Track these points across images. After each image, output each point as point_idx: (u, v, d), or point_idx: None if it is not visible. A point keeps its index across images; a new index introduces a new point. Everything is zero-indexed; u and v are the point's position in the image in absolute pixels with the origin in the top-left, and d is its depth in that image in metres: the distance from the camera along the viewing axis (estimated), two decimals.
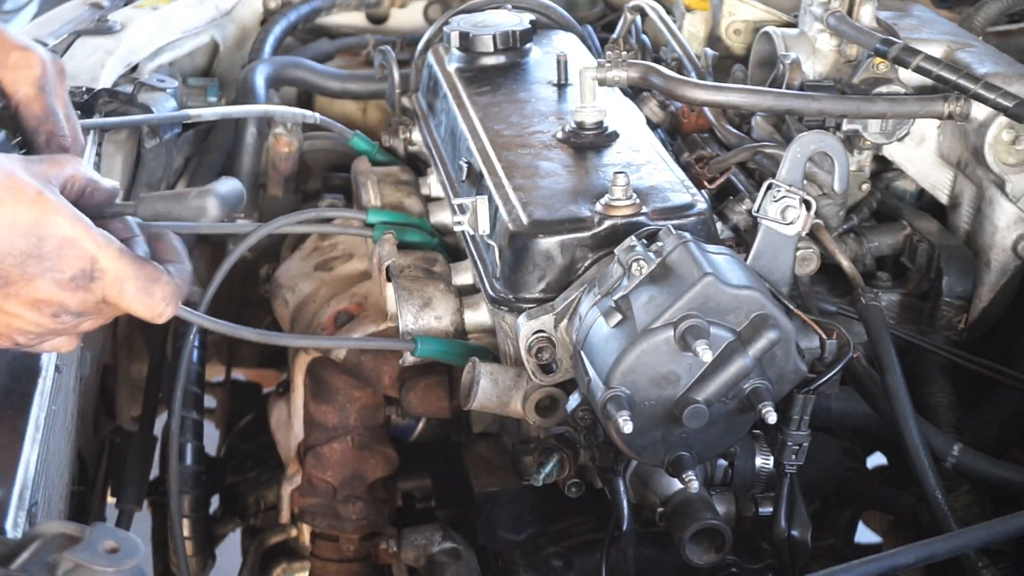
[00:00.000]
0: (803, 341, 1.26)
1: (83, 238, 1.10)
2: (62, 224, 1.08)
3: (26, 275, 1.08)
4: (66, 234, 1.09)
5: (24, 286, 1.09)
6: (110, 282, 1.12)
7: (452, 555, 1.52)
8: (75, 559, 0.88)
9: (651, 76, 1.55)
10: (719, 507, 1.34)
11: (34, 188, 1.08)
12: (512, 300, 1.38)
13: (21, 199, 1.06)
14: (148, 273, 1.14)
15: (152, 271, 1.15)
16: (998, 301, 1.61)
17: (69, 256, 1.09)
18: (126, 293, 1.13)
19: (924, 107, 1.57)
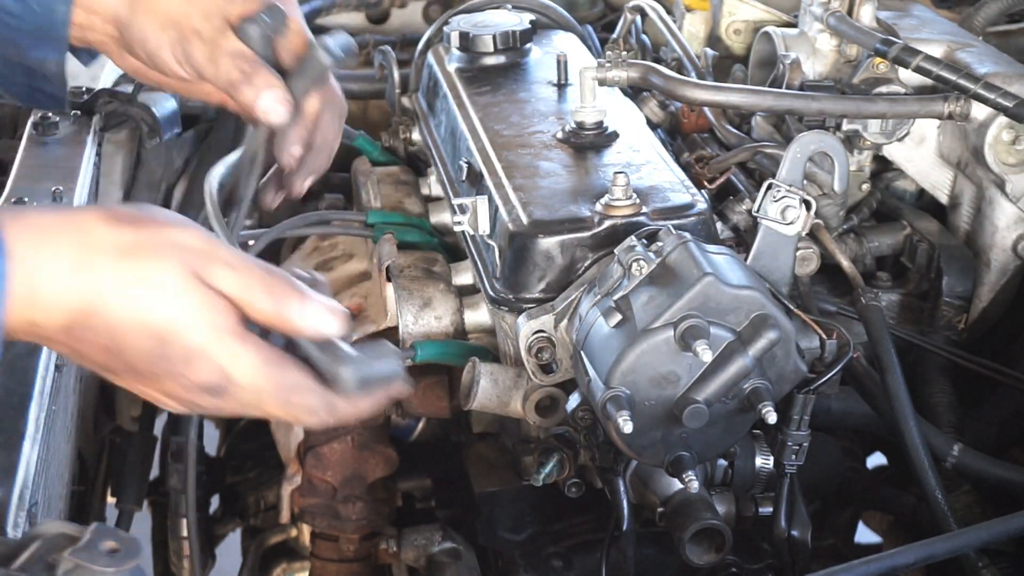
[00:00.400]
0: (803, 341, 1.26)
1: (214, 350, 1.01)
2: (192, 334, 1.00)
3: (154, 374, 1.02)
4: (193, 345, 1.00)
5: (153, 381, 1.03)
6: (245, 396, 1.03)
7: (452, 555, 1.52)
8: (75, 559, 0.88)
9: (651, 76, 1.55)
10: (719, 507, 1.34)
11: (180, 283, 0.99)
12: (512, 300, 1.38)
13: (160, 297, 0.99)
14: (293, 383, 1.04)
15: (299, 378, 1.05)
16: (998, 301, 1.61)
17: (197, 367, 1.01)
18: (265, 406, 1.05)
19: (924, 107, 1.57)
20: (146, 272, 1.00)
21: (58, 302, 0.99)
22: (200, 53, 1.31)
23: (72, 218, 1.02)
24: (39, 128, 1.71)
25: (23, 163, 1.63)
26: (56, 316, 0.99)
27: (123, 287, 0.99)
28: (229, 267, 1.03)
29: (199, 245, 1.03)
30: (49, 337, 1.01)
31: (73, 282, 0.98)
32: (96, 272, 0.99)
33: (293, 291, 1.04)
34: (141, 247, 1.00)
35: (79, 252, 0.99)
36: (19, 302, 0.97)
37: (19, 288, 0.97)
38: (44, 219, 1.00)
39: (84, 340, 1.01)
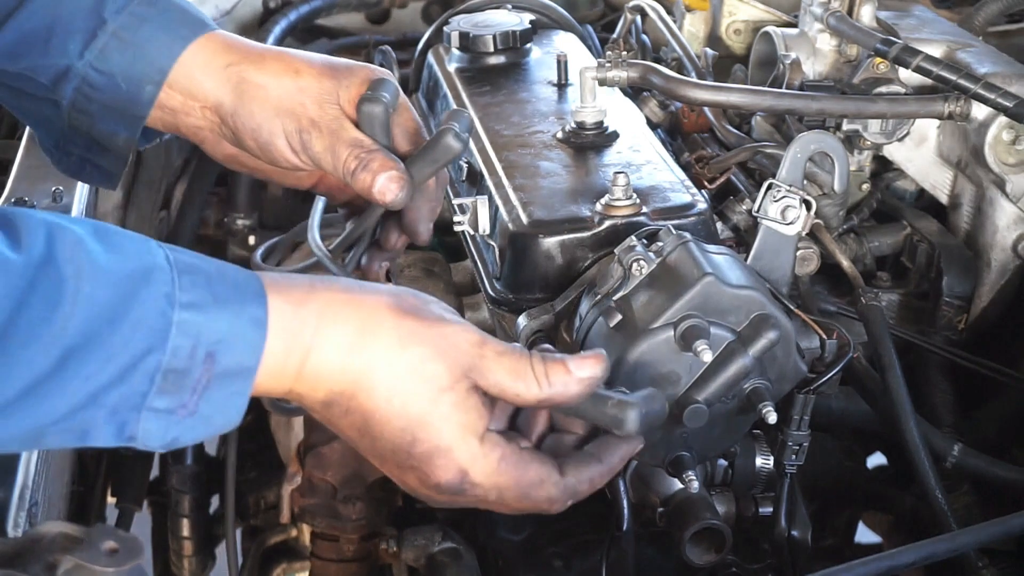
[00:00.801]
0: (803, 341, 1.26)
1: (458, 449, 1.04)
2: (444, 432, 1.03)
3: (398, 464, 1.06)
4: (440, 444, 1.03)
5: (394, 469, 1.07)
6: (483, 493, 1.07)
7: (452, 555, 1.51)
8: (75, 559, 0.88)
9: (651, 76, 1.55)
10: (719, 507, 1.34)
11: (445, 383, 1.02)
12: (512, 300, 1.38)
13: (421, 392, 1.02)
14: (531, 480, 1.07)
15: (536, 474, 1.07)
16: (998, 301, 1.61)
17: (439, 465, 1.04)
18: (506, 502, 1.08)
19: (924, 107, 1.57)
20: (419, 365, 1.02)
21: (325, 380, 1.02)
22: (319, 144, 1.25)
23: (361, 300, 1.04)
24: None
25: (23, 163, 1.63)
26: (319, 392, 1.03)
27: (391, 376, 1.02)
28: (498, 357, 1.05)
29: (474, 340, 1.05)
30: (307, 406, 1.05)
31: (345, 364, 1.02)
32: (370, 357, 1.02)
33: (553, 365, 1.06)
34: (418, 338, 1.03)
35: (360, 336, 1.02)
36: (284, 375, 1.01)
37: (288, 364, 1.00)
38: (335, 296, 1.03)
39: (340, 417, 1.05)
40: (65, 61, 1.26)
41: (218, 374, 0.96)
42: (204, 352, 0.95)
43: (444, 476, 1.05)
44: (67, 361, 0.91)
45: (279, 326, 0.99)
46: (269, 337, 0.98)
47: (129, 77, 1.26)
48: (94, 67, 1.26)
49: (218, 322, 0.96)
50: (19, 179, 1.59)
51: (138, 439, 0.97)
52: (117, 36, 1.26)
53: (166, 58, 1.26)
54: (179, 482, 1.95)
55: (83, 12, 1.26)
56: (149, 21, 1.27)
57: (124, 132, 1.29)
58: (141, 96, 1.27)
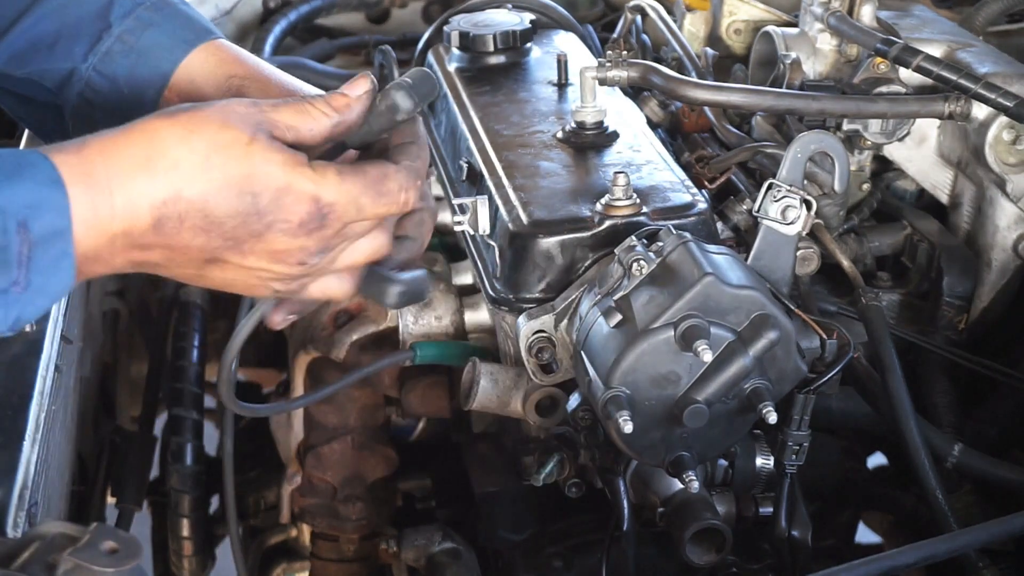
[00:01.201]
0: (803, 341, 1.26)
1: (297, 179, 1.04)
2: (273, 172, 1.03)
3: (253, 233, 1.04)
4: (279, 183, 1.04)
5: (256, 242, 1.05)
6: (342, 209, 1.06)
7: (452, 555, 1.52)
8: (75, 559, 0.88)
9: (651, 76, 1.55)
10: (719, 507, 1.34)
11: (244, 139, 1.03)
12: (512, 300, 1.38)
13: (230, 155, 1.02)
14: (376, 176, 1.08)
15: (377, 171, 1.09)
16: (999, 301, 1.61)
17: (288, 204, 1.04)
18: (364, 208, 1.07)
19: (924, 107, 1.57)
20: (213, 140, 1.03)
21: (144, 200, 1.01)
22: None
23: (130, 127, 1.04)
24: None
25: None
26: (144, 217, 1.02)
27: (197, 162, 1.02)
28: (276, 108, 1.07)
29: (247, 104, 1.07)
30: (142, 244, 1.03)
31: (151, 176, 1.01)
32: (168, 158, 1.02)
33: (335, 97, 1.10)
34: (199, 120, 1.03)
35: (150, 148, 1.02)
36: (100, 221, 1.00)
37: (99, 208, 1.00)
38: (107, 134, 1.03)
39: (177, 230, 1.03)
40: (70, 64, 1.26)
41: (36, 241, 0.97)
42: (15, 223, 0.96)
43: (301, 210, 1.04)
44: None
45: (73, 178, 1.00)
46: (69, 191, 0.99)
47: (132, 82, 1.26)
48: (97, 70, 1.26)
49: (17, 192, 0.97)
50: None
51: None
52: (121, 40, 1.26)
53: (168, 63, 1.26)
54: (179, 482, 1.95)
55: (90, 17, 1.26)
56: (154, 26, 1.27)
57: None
58: (143, 101, 1.27)
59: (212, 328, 2.14)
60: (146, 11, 1.27)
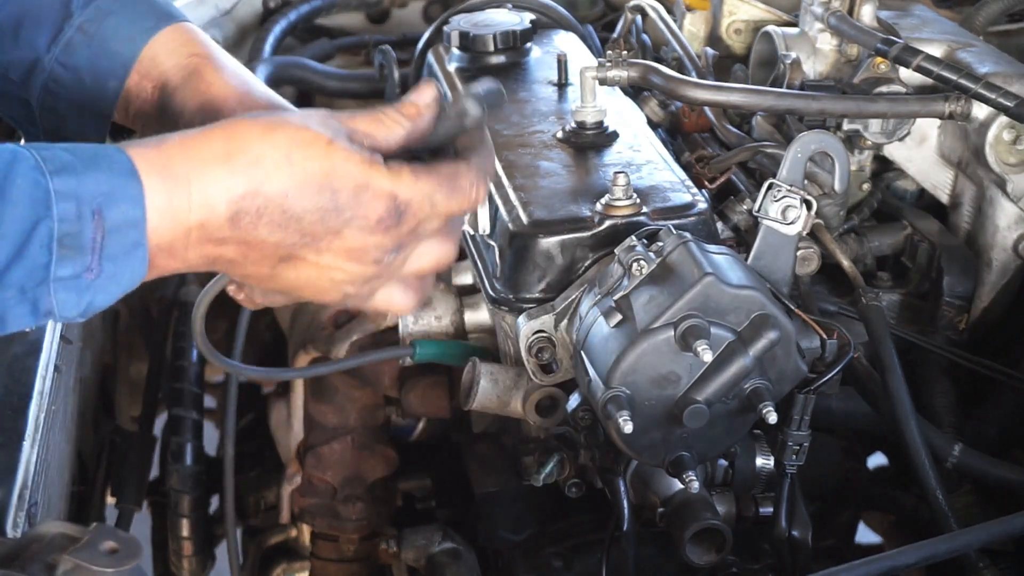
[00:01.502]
0: (804, 341, 1.26)
1: (375, 178, 1.05)
2: (352, 171, 1.05)
3: (330, 229, 1.05)
4: (358, 180, 1.05)
5: (333, 239, 1.06)
6: (418, 206, 1.08)
7: (452, 555, 1.52)
8: (75, 559, 0.88)
9: (651, 76, 1.55)
10: (719, 507, 1.34)
11: (324, 139, 1.04)
12: (512, 300, 1.38)
13: (310, 153, 1.03)
14: (448, 174, 1.10)
15: (449, 169, 1.10)
16: (999, 301, 1.61)
17: (366, 201, 1.05)
18: (438, 205, 1.09)
19: (925, 107, 1.57)
20: (294, 138, 1.04)
21: (223, 193, 1.02)
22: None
23: (210, 127, 1.06)
24: None
25: None
26: (221, 209, 1.02)
27: (278, 158, 1.03)
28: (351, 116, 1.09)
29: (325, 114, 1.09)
30: (218, 238, 1.04)
31: (231, 170, 1.02)
32: (249, 154, 1.03)
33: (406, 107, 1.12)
34: (281, 123, 1.05)
35: (230, 143, 1.03)
36: (176, 212, 1.01)
37: (175, 199, 1.01)
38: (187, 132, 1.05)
39: (254, 224, 1.04)
40: (33, 55, 1.26)
41: (110, 229, 0.98)
42: (90, 210, 0.97)
43: (378, 207, 1.06)
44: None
45: (150, 170, 1.01)
46: (145, 181, 1.00)
47: (93, 72, 1.26)
48: (60, 62, 1.26)
49: (93, 180, 0.98)
50: None
51: (55, 312, 0.98)
52: (82, 30, 1.25)
53: (129, 52, 1.26)
54: (179, 482, 1.95)
55: (52, 5, 1.26)
56: (114, 14, 1.26)
57: (92, 132, 1.29)
58: (106, 92, 1.27)
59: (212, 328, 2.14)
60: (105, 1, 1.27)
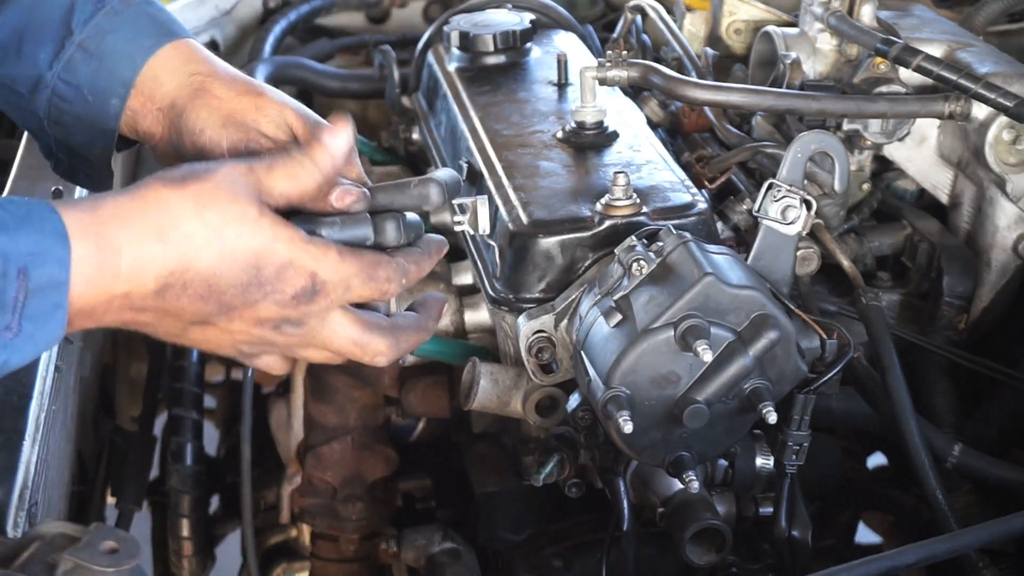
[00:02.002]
0: (803, 341, 1.26)
1: (300, 256, 1.09)
2: (280, 250, 1.08)
3: (247, 302, 1.08)
4: (283, 259, 1.08)
5: (246, 310, 1.09)
6: (333, 287, 1.11)
7: (452, 555, 1.52)
8: (75, 559, 0.88)
9: (651, 76, 1.55)
10: (719, 507, 1.34)
11: (253, 214, 1.07)
12: (512, 300, 1.38)
13: (241, 231, 1.06)
14: (369, 261, 1.13)
15: (372, 257, 1.13)
16: (999, 301, 1.61)
17: (289, 277, 1.09)
18: (351, 289, 1.12)
19: (925, 107, 1.57)
20: (224, 214, 1.06)
21: (149, 269, 1.04)
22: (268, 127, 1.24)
23: (141, 192, 1.07)
24: None
25: (23, 162, 1.63)
26: (148, 283, 1.05)
27: (210, 236, 1.05)
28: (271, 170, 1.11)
29: (244, 170, 1.10)
30: (140, 307, 1.06)
31: (162, 247, 1.04)
32: (183, 229, 1.05)
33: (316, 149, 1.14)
34: (207, 195, 1.07)
35: (161, 217, 1.05)
36: (103, 280, 1.03)
37: (104, 267, 1.03)
38: (119, 198, 1.06)
39: (177, 296, 1.06)
40: (36, 71, 1.27)
41: (33, 289, 0.99)
42: (15, 269, 0.98)
43: (297, 283, 1.09)
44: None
45: (81, 234, 1.02)
46: (74, 245, 1.01)
47: (95, 90, 1.27)
48: (62, 79, 1.27)
49: (22, 239, 0.99)
50: (19, 179, 1.59)
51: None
52: (83, 48, 1.26)
53: (129, 70, 1.27)
54: (179, 482, 1.95)
55: (53, 21, 1.27)
56: (114, 32, 1.27)
57: (99, 143, 1.30)
58: (107, 109, 1.28)
59: None
60: (106, 16, 1.27)
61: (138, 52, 1.27)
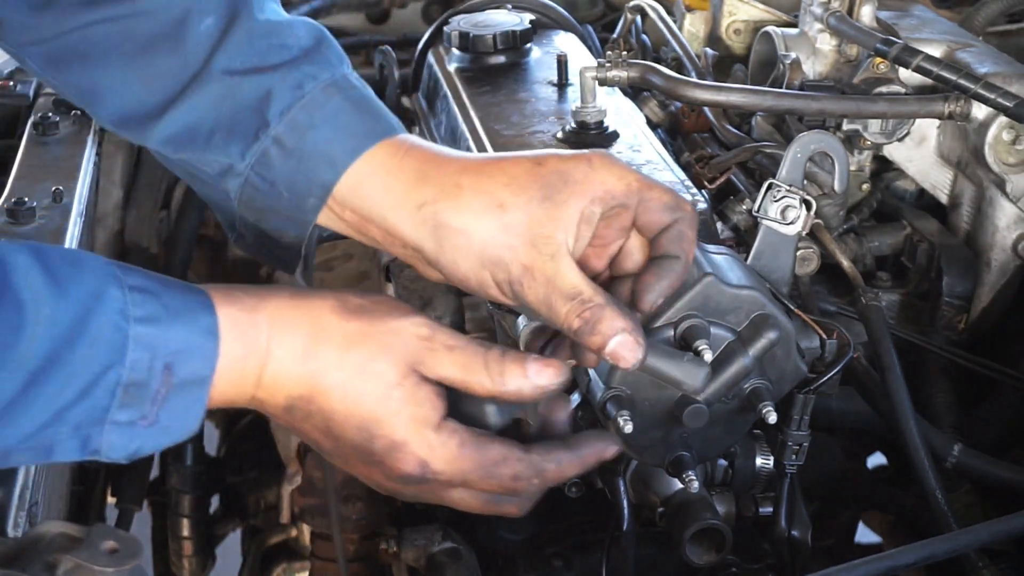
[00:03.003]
0: (803, 341, 1.26)
1: (415, 441, 1.04)
2: (397, 427, 1.03)
3: (363, 462, 1.06)
4: (397, 439, 1.04)
5: (359, 467, 1.08)
6: (447, 479, 1.06)
7: (452, 555, 1.51)
8: (75, 559, 0.88)
9: (651, 76, 1.55)
10: (719, 507, 1.34)
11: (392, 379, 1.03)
12: None
13: (367, 390, 1.03)
14: (492, 458, 1.06)
15: (498, 453, 1.06)
16: (998, 301, 1.61)
17: (398, 459, 1.04)
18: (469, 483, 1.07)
19: (924, 107, 1.57)
20: (365, 364, 1.03)
21: (284, 386, 1.03)
22: (532, 295, 1.08)
23: (307, 305, 1.04)
24: (39, 128, 1.71)
25: (23, 163, 1.63)
26: (279, 398, 1.04)
27: (342, 379, 1.03)
28: (448, 352, 1.05)
29: (422, 334, 1.05)
30: (270, 412, 1.06)
31: (300, 369, 1.03)
32: (321, 361, 1.03)
33: (511, 364, 1.05)
34: (365, 337, 1.04)
35: (310, 340, 1.03)
36: (244, 383, 1.02)
37: (247, 371, 1.02)
38: (283, 302, 1.04)
39: (302, 421, 1.06)
40: (227, 160, 1.17)
41: (176, 385, 0.98)
42: (162, 364, 0.97)
43: (405, 468, 1.05)
44: (32, 383, 0.93)
45: (232, 335, 1.01)
46: (223, 346, 1.00)
47: (291, 188, 1.17)
48: (256, 172, 1.17)
49: (173, 333, 0.98)
50: (19, 179, 1.59)
51: (101, 452, 0.99)
52: (279, 143, 1.15)
53: (330, 175, 1.15)
54: (179, 482, 1.95)
55: (246, 111, 1.16)
56: (313, 129, 1.15)
57: (292, 232, 1.20)
58: (305, 206, 1.17)
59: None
60: (304, 111, 1.15)
61: (340, 158, 1.15)
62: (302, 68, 1.16)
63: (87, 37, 1.18)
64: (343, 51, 1.21)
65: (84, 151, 1.68)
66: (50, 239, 1.43)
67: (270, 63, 1.16)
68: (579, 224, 1.09)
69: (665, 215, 1.12)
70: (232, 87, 1.16)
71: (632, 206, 1.11)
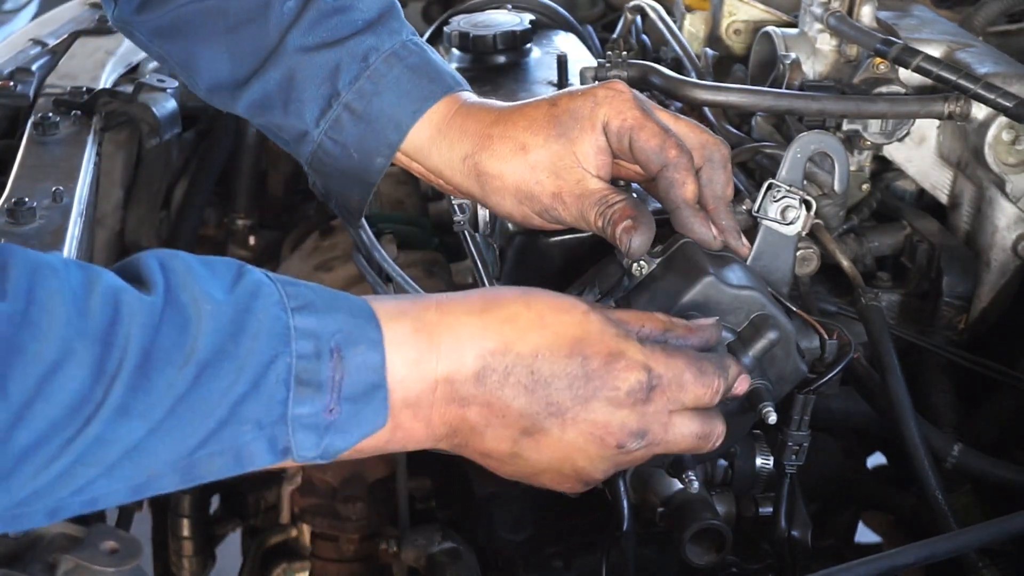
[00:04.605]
0: (803, 341, 1.26)
1: (631, 348, 1.06)
2: (606, 339, 1.05)
3: (578, 399, 1.04)
4: (611, 348, 1.05)
5: (579, 411, 1.05)
6: (667, 383, 1.07)
7: (452, 555, 1.51)
8: (75, 559, 0.88)
9: (651, 76, 1.55)
10: (719, 507, 1.34)
11: (581, 309, 1.07)
12: None
13: (565, 319, 1.05)
14: (695, 356, 1.10)
15: (696, 355, 1.11)
16: (998, 301, 1.61)
17: (619, 370, 1.05)
18: (686, 385, 1.08)
19: (924, 107, 1.57)
20: (551, 304, 1.07)
21: (469, 347, 1.03)
22: (568, 214, 1.23)
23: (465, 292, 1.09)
24: (39, 128, 1.71)
25: (23, 163, 1.63)
26: (467, 361, 1.03)
27: (532, 318, 1.05)
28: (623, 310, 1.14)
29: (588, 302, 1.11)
30: (462, 396, 1.04)
31: (482, 325, 1.04)
32: (503, 311, 1.05)
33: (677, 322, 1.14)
34: (538, 291, 1.09)
35: (483, 301, 1.06)
36: (422, 361, 1.02)
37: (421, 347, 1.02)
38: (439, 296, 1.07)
39: (499, 385, 1.03)
40: (303, 126, 1.31)
41: (349, 369, 0.98)
42: (328, 349, 0.97)
43: (631, 376, 1.05)
44: (201, 377, 0.93)
45: (393, 316, 1.02)
46: (386, 326, 1.01)
47: (361, 148, 1.31)
48: (329, 136, 1.31)
49: (332, 318, 0.99)
50: (19, 179, 1.59)
51: (293, 451, 0.98)
52: (349, 109, 1.30)
53: (396, 135, 1.30)
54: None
55: (319, 80, 1.30)
56: (379, 95, 1.29)
57: (357, 192, 1.35)
58: (372, 166, 1.31)
59: None
60: (370, 80, 1.29)
61: (404, 119, 1.29)
62: (367, 40, 1.30)
63: (186, 15, 1.33)
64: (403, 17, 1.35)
65: (84, 151, 1.68)
66: (50, 239, 1.43)
67: (337, 37, 1.30)
68: (596, 154, 1.21)
69: (652, 160, 1.20)
70: (305, 61, 1.30)
71: (627, 143, 1.21)
